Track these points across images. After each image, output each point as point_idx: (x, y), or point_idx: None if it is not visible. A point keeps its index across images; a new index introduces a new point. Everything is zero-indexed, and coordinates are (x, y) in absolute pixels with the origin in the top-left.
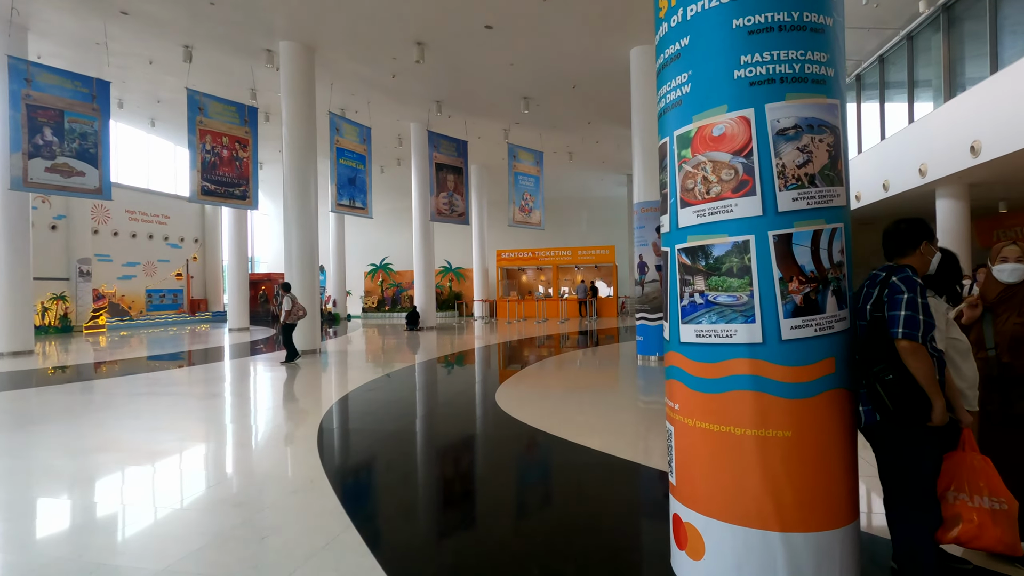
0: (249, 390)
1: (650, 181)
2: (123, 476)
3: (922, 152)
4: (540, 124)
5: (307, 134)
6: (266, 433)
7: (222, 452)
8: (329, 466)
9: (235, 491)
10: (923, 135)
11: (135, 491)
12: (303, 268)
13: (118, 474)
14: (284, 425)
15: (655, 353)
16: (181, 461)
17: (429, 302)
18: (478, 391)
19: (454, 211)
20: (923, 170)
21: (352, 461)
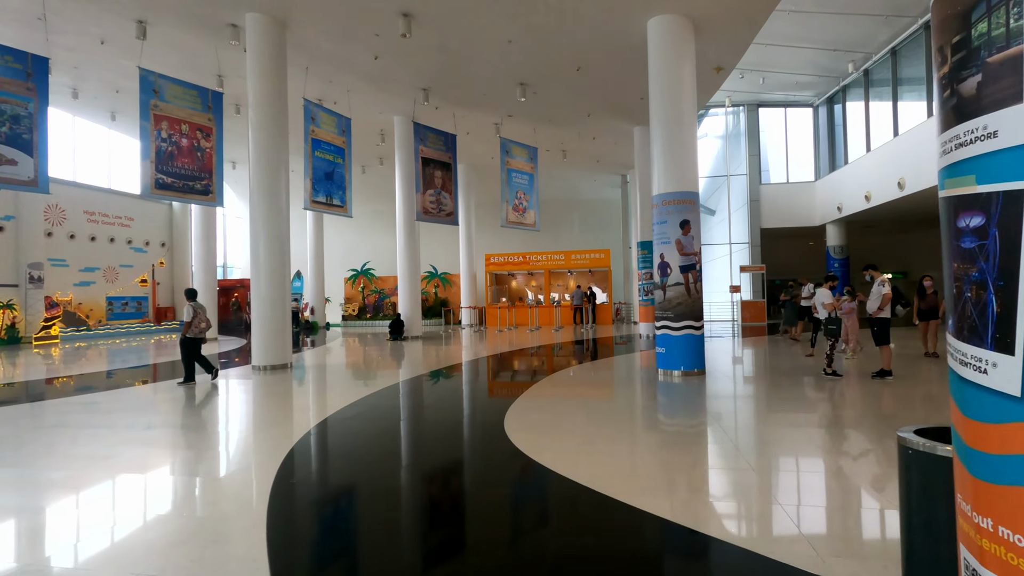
0: (195, 419)
1: (671, 170)
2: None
3: None
4: (535, 117)
5: (277, 120)
6: (191, 496)
7: (98, 535)
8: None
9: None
10: None
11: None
12: (272, 272)
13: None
14: (220, 486)
15: (679, 367)
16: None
17: (414, 309)
18: (481, 420)
19: (442, 210)
20: None
21: (322, 555)
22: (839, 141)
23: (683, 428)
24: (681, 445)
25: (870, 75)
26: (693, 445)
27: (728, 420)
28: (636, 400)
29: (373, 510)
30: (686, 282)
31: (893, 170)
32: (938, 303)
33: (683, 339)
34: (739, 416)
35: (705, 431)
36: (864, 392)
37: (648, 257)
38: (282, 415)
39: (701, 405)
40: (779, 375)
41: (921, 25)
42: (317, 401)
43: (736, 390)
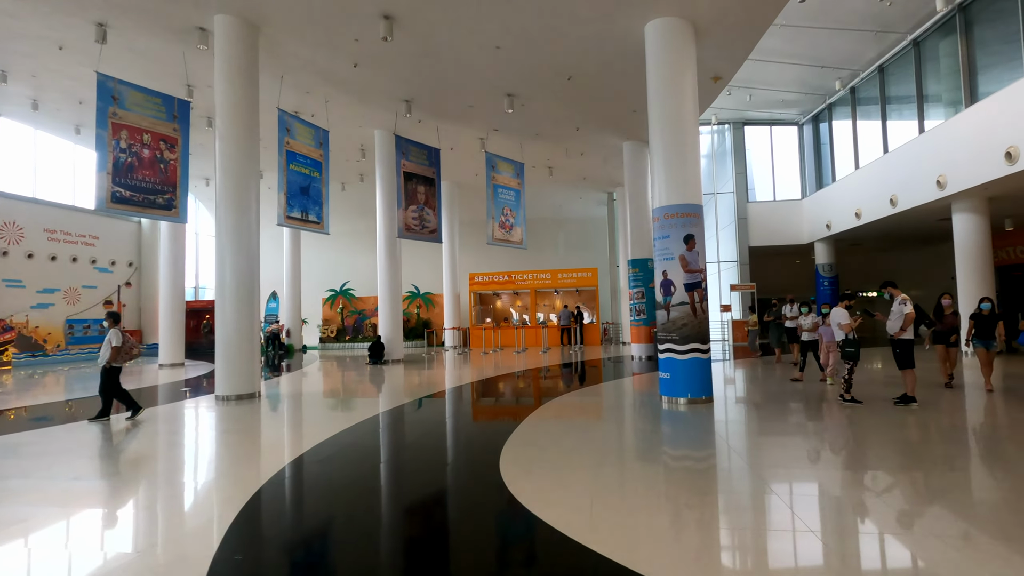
0: (138, 466)
1: (673, 181)
2: None
3: (939, 163)
4: (522, 131)
5: (247, 130)
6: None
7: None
8: None
9: None
10: (940, 145)
11: None
12: (239, 292)
13: None
14: (145, 567)
15: (685, 394)
16: None
17: (395, 331)
18: (473, 463)
19: (425, 227)
20: (942, 182)
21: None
22: (825, 159)
23: (712, 472)
24: (720, 498)
25: (856, 93)
26: (734, 497)
27: (760, 462)
28: (645, 434)
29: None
30: (691, 301)
31: (884, 187)
32: (958, 324)
33: (689, 364)
34: (769, 457)
35: (740, 479)
36: (898, 424)
37: (640, 276)
38: (239, 459)
39: (721, 442)
40: (793, 402)
41: (910, 42)
42: (283, 440)
43: (752, 422)
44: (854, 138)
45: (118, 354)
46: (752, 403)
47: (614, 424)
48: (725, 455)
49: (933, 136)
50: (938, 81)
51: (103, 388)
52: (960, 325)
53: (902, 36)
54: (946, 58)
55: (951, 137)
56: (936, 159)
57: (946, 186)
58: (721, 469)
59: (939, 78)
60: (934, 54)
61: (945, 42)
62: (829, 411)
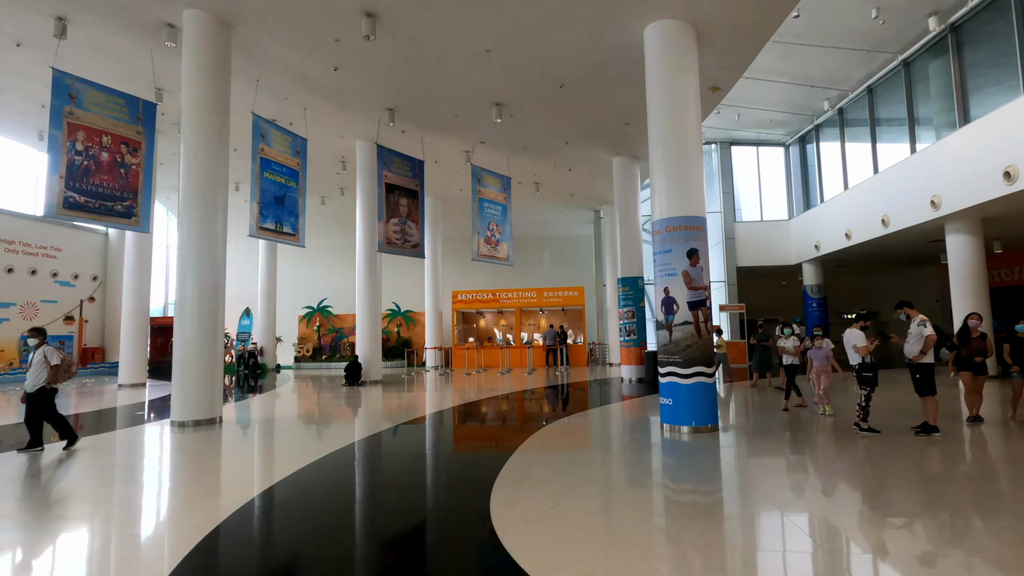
0: (61, 507)
1: (675, 191)
2: None
3: (933, 183)
4: (509, 144)
5: (216, 132)
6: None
7: None
8: None
9: None
10: (934, 165)
11: None
12: (201, 308)
13: None
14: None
15: (689, 422)
16: None
17: (374, 350)
18: (459, 508)
19: (407, 241)
20: (936, 202)
21: None
22: (813, 180)
23: (737, 519)
24: (761, 557)
25: (844, 114)
26: (769, 555)
27: (790, 506)
28: (651, 470)
29: None
30: (695, 321)
31: (875, 207)
32: (986, 348)
33: (694, 389)
34: (796, 498)
35: (772, 527)
36: (922, 456)
37: (630, 294)
38: (184, 501)
39: (737, 480)
40: (804, 432)
41: (900, 63)
42: (239, 475)
43: (765, 455)
44: (843, 159)
45: (57, 374)
46: (759, 432)
47: (614, 457)
48: (748, 498)
49: (926, 156)
50: (928, 102)
51: (33, 414)
52: (990, 349)
53: (892, 56)
54: (937, 79)
55: (945, 157)
56: (929, 179)
57: (940, 206)
58: (747, 515)
59: (929, 99)
60: (924, 75)
61: (936, 63)
62: (845, 442)
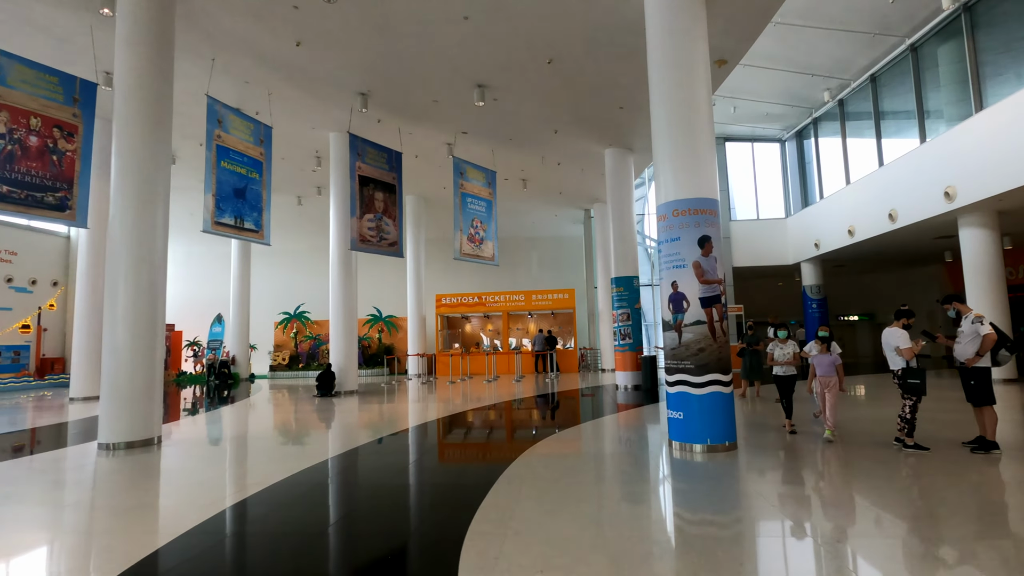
0: None
1: (684, 171)
2: None
3: (947, 173)
4: (494, 134)
5: (155, 108)
6: None
7: None
8: None
9: None
10: (947, 154)
11: None
12: (137, 311)
13: None
14: None
15: (704, 440)
16: None
17: (349, 358)
18: (423, 559)
19: (383, 239)
20: (951, 193)
21: None
22: (811, 176)
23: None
24: None
25: (845, 105)
26: None
27: (869, 553)
28: (667, 504)
29: None
30: (709, 319)
31: (881, 202)
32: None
33: (708, 400)
34: (868, 544)
35: None
36: (995, 479)
37: (624, 295)
38: (89, 544)
39: (777, 514)
40: (835, 449)
41: (907, 47)
42: (161, 511)
43: (800, 482)
44: (844, 152)
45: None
46: (782, 451)
47: (618, 488)
48: (795, 541)
49: (939, 145)
50: (937, 91)
51: None
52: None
53: (899, 40)
54: (948, 66)
55: (959, 146)
56: (943, 170)
57: (955, 198)
58: (795, 562)
59: (939, 88)
60: (932, 62)
61: (946, 47)
62: (890, 462)
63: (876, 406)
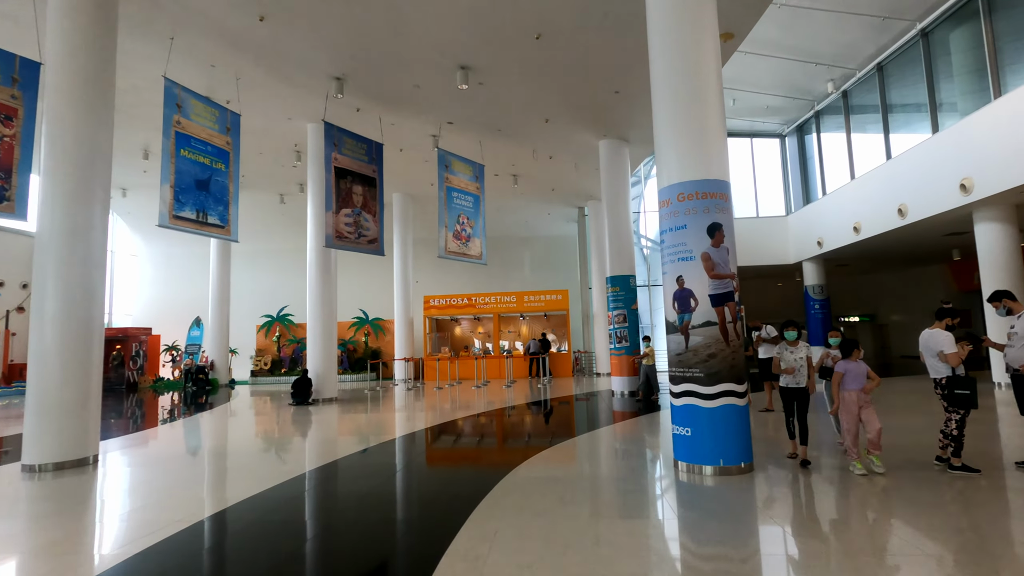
0: None
1: (691, 149)
2: None
3: (962, 165)
4: (481, 124)
5: (93, 83)
6: None
7: None
8: None
9: None
10: (963, 144)
11: None
12: (69, 314)
13: None
14: None
15: (715, 460)
16: None
17: (328, 363)
18: None
19: (362, 235)
20: (967, 186)
21: None
22: (813, 172)
23: None
24: None
25: (849, 97)
26: None
27: None
28: (671, 541)
29: None
30: (721, 320)
31: (890, 196)
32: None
33: (720, 414)
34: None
35: None
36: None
37: (621, 295)
38: None
39: (804, 544)
40: (859, 471)
41: (918, 32)
42: (83, 547)
43: (831, 512)
44: (848, 146)
45: None
46: (804, 470)
47: (618, 525)
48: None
49: (953, 135)
50: (950, 78)
51: None
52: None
53: (910, 24)
54: (962, 53)
55: (977, 135)
56: (958, 161)
57: (972, 190)
58: None
59: (951, 75)
60: (945, 48)
61: (959, 32)
62: (935, 486)
63: (896, 416)
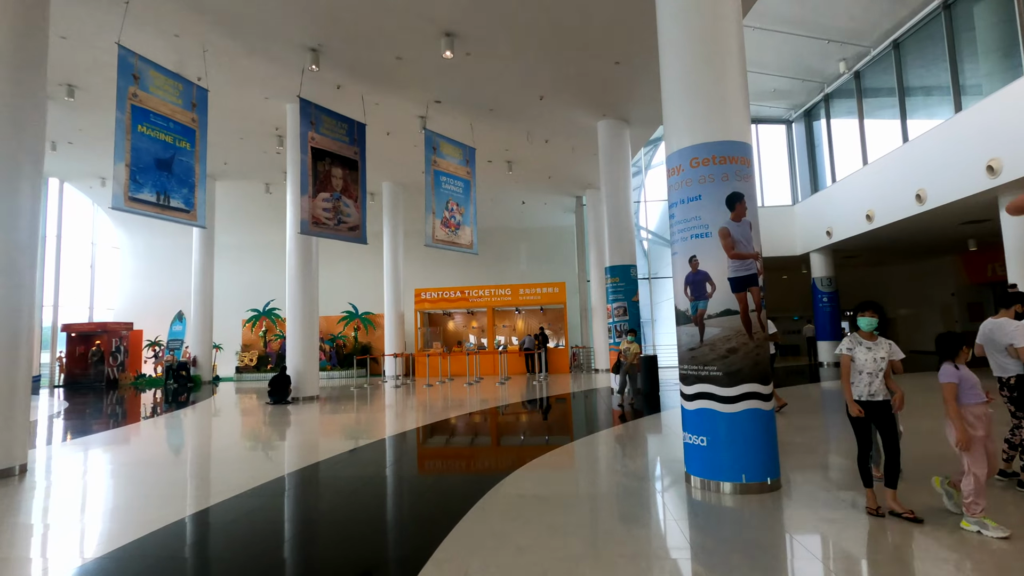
0: None
1: (706, 101)
2: None
3: (990, 145)
4: (472, 102)
5: (17, 43)
6: None
7: None
8: None
9: None
10: (990, 124)
11: None
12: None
13: None
14: None
15: (736, 476)
16: None
17: (308, 359)
18: None
19: (342, 222)
20: (995, 167)
21: None
22: (821, 158)
23: None
24: None
25: (862, 78)
26: None
27: None
28: None
29: None
30: (743, 309)
31: (906, 182)
32: None
33: (742, 419)
34: None
35: None
36: None
37: (621, 286)
38: None
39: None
40: (909, 481)
41: (939, 5)
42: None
43: (880, 537)
44: (860, 130)
45: None
46: (841, 489)
47: (620, 566)
48: None
49: (979, 113)
50: (974, 57)
51: None
52: None
53: None
54: (987, 29)
55: (1006, 113)
56: (984, 142)
57: (1000, 172)
58: None
59: (975, 53)
60: (968, 23)
61: (986, 4)
62: (1005, 505)
63: (916, 419)
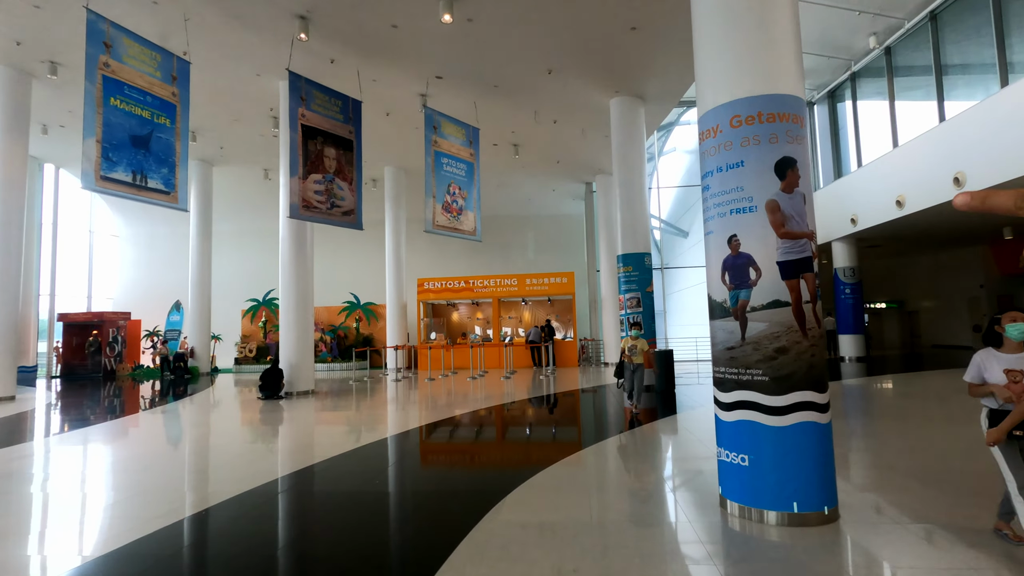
0: None
1: (750, 48)
2: None
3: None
4: (475, 78)
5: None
6: None
7: None
8: None
9: None
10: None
11: None
12: None
13: None
14: None
15: (787, 504)
16: None
17: (302, 352)
18: None
19: (336, 206)
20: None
21: None
22: (846, 142)
23: None
24: None
25: (893, 55)
26: None
27: None
28: None
29: None
30: (795, 299)
31: (942, 165)
32: None
33: (792, 435)
34: None
35: None
36: None
37: (635, 276)
38: None
39: None
40: (988, 504)
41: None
42: None
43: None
44: (891, 109)
45: None
46: (914, 523)
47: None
48: None
49: None
50: (1023, 29)
51: None
52: None
53: None
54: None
55: None
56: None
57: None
58: None
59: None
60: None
61: None
62: None
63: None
